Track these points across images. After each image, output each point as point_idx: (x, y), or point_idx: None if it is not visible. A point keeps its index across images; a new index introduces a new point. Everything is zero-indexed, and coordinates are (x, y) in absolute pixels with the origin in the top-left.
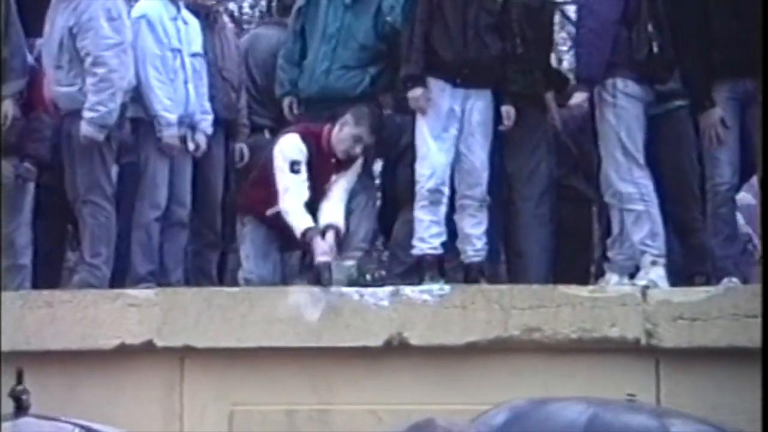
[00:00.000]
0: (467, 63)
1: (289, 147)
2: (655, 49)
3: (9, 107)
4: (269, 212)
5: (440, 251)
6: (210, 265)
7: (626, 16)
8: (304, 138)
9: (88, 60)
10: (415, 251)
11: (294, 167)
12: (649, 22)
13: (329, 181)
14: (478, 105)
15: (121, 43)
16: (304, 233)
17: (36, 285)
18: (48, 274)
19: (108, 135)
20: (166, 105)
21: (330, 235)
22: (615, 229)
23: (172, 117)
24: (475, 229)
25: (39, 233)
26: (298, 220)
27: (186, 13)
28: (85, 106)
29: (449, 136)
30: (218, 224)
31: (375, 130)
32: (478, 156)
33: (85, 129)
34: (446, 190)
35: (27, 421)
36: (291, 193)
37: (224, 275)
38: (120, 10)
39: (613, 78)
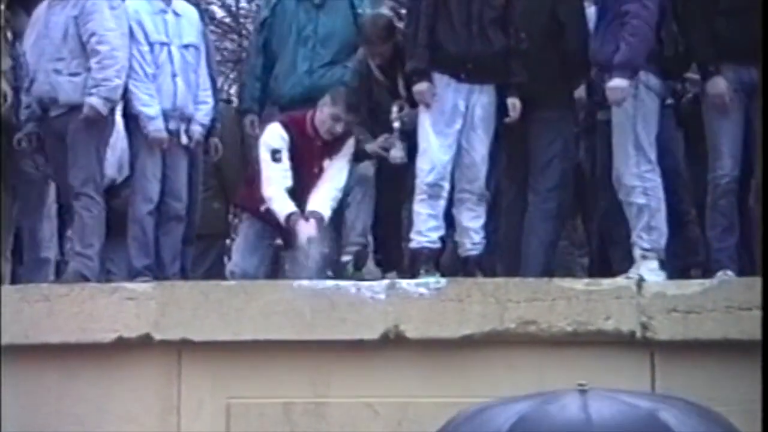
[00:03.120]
0: (472, 58)
1: (270, 136)
2: (681, 48)
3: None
4: (262, 208)
5: (438, 245)
6: (186, 260)
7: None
8: (286, 126)
9: (93, 39)
10: (412, 244)
11: (275, 156)
12: (673, 21)
13: (321, 166)
14: (482, 100)
15: (119, 28)
16: (288, 218)
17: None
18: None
19: (104, 128)
20: (144, 101)
21: (312, 222)
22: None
23: (153, 111)
24: (473, 223)
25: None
26: (281, 206)
27: (179, 5)
28: (89, 84)
29: (452, 131)
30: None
31: (352, 108)
32: (479, 151)
33: (90, 101)
34: (446, 185)
35: None
36: (273, 182)
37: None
38: (120, 2)
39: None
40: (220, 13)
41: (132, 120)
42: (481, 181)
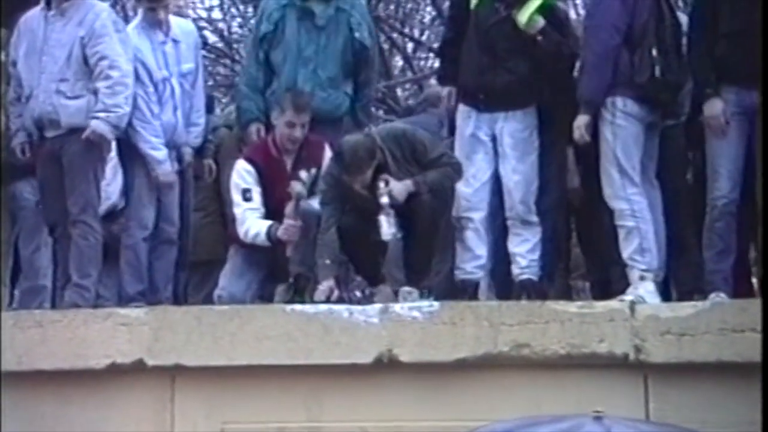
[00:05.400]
0: (484, 88)
1: (238, 175)
2: (657, 73)
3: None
4: (247, 242)
5: (480, 274)
6: (179, 285)
7: (629, 40)
8: (250, 160)
9: (103, 63)
10: (458, 274)
11: (246, 195)
12: (653, 46)
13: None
14: (509, 127)
15: (126, 54)
16: (268, 232)
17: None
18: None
19: (104, 153)
20: (153, 143)
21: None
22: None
23: (161, 155)
24: (519, 248)
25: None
26: (257, 228)
27: (177, 30)
28: (96, 108)
29: (473, 161)
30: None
31: (301, 108)
32: (511, 178)
33: (96, 125)
34: (475, 216)
35: None
36: (246, 221)
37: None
38: (124, 26)
39: (612, 97)
40: (212, 38)
41: (128, 146)
42: (518, 207)
